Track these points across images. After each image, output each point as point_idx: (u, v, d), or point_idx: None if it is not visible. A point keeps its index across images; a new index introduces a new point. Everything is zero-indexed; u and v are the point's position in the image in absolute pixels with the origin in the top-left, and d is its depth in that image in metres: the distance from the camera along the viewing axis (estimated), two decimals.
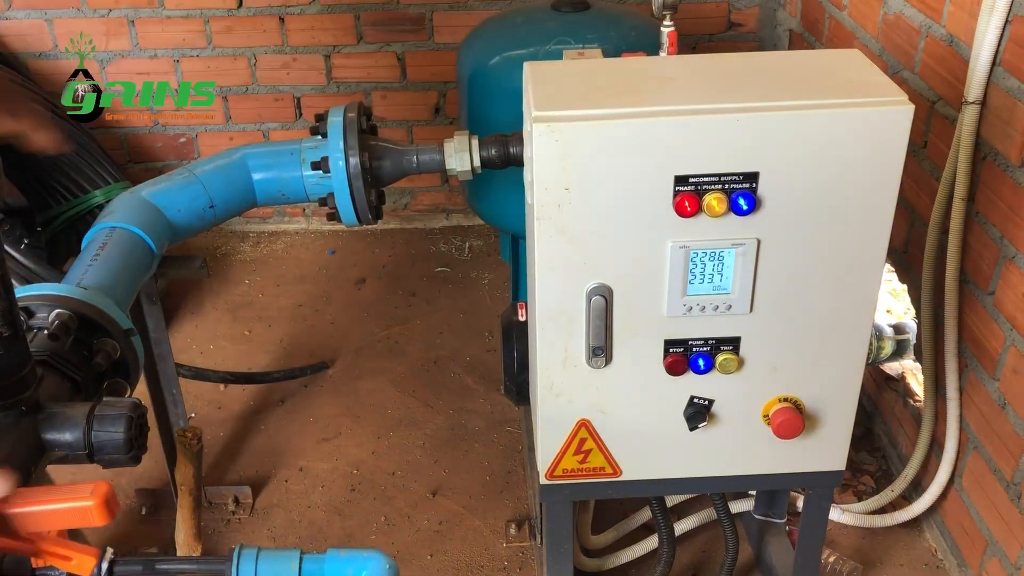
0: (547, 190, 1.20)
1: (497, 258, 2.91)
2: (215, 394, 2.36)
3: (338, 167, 1.66)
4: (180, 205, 1.63)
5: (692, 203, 1.18)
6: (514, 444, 2.19)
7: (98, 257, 1.45)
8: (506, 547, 1.90)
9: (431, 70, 2.89)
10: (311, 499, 2.04)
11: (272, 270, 2.94)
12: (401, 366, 2.47)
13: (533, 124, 1.17)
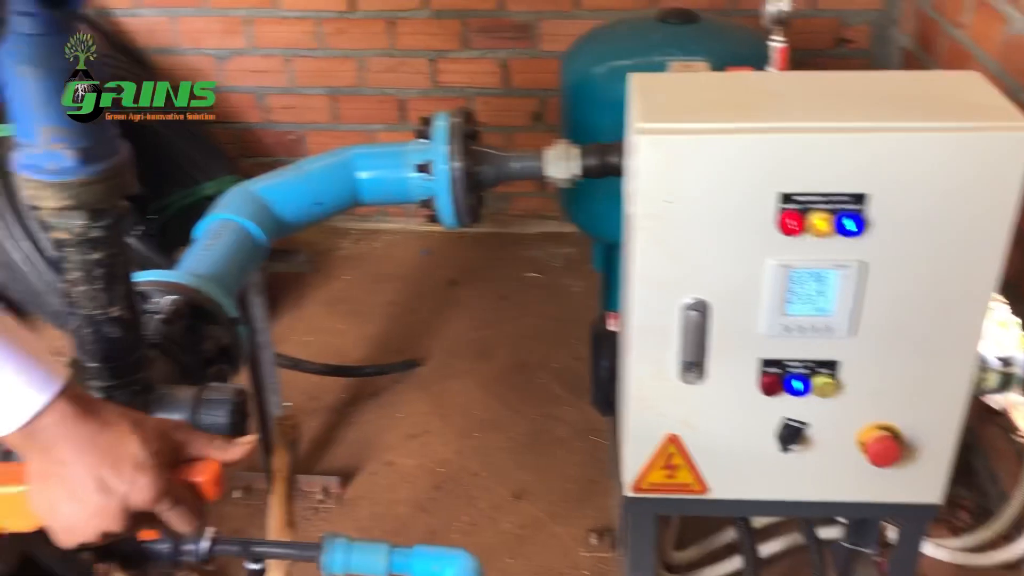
0: (648, 201, 1.20)
1: (589, 266, 2.91)
2: (309, 385, 2.42)
3: (441, 171, 1.69)
4: (288, 201, 1.68)
5: (796, 222, 1.16)
6: (599, 454, 2.18)
7: (210, 247, 1.51)
8: (586, 556, 1.90)
9: (533, 77, 2.91)
10: (397, 494, 2.08)
11: (370, 267, 3.01)
12: (489, 368, 2.49)
13: (638, 136, 1.17)
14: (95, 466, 0.74)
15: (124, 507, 0.75)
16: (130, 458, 0.75)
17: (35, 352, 0.74)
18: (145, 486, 0.75)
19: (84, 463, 0.74)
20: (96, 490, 0.74)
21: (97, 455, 0.74)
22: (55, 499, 0.75)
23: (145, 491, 0.75)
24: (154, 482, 0.76)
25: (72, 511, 0.75)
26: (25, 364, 0.72)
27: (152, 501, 0.76)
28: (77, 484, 0.74)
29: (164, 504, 0.77)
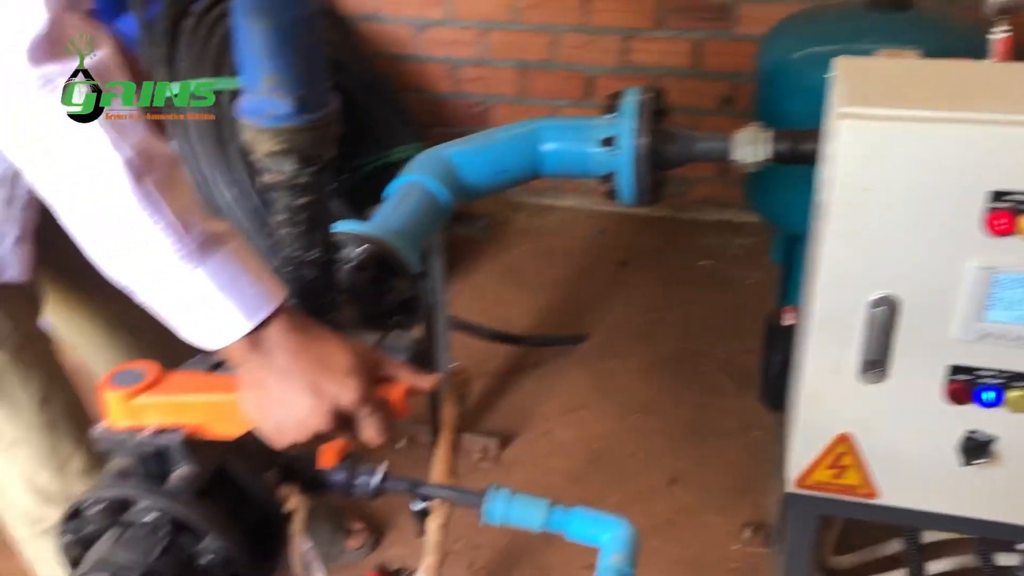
0: (844, 189, 1.15)
1: (766, 259, 2.82)
2: (476, 349, 2.49)
3: (626, 146, 1.69)
4: (475, 166, 1.73)
5: (1006, 222, 1.09)
6: (760, 449, 2.13)
7: (399, 205, 1.58)
8: (738, 549, 1.87)
9: (727, 60, 2.85)
10: (552, 463, 2.11)
11: (542, 242, 3.05)
12: (653, 352, 2.47)
13: (839, 120, 1.13)
14: (309, 372, 0.81)
15: (333, 408, 0.82)
16: (339, 365, 0.82)
17: (261, 269, 0.81)
18: (352, 388, 0.82)
19: (299, 369, 0.81)
20: (309, 393, 0.81)
21: (311, 362, 0.81)
22: (270, 403, 0.82)
23: (352, 393, 0.82)
24: (360, 386, 0.82)
25: (286, 412, 0.82)
26: (256, 277, 0.80)
27: (357, 403, 0.82)
28: (292, 388, 0.81)
29: (365, 409, 0.83)
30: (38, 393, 1.19)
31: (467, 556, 1.89)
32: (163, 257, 0.76)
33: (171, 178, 0.78)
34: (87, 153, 0.74)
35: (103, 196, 0.75)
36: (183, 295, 0.78)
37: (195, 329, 0.80)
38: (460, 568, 1.86)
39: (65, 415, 1.22)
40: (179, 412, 0.83)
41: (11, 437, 1.19)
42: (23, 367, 1.16)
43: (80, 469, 1.26)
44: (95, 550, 0.83)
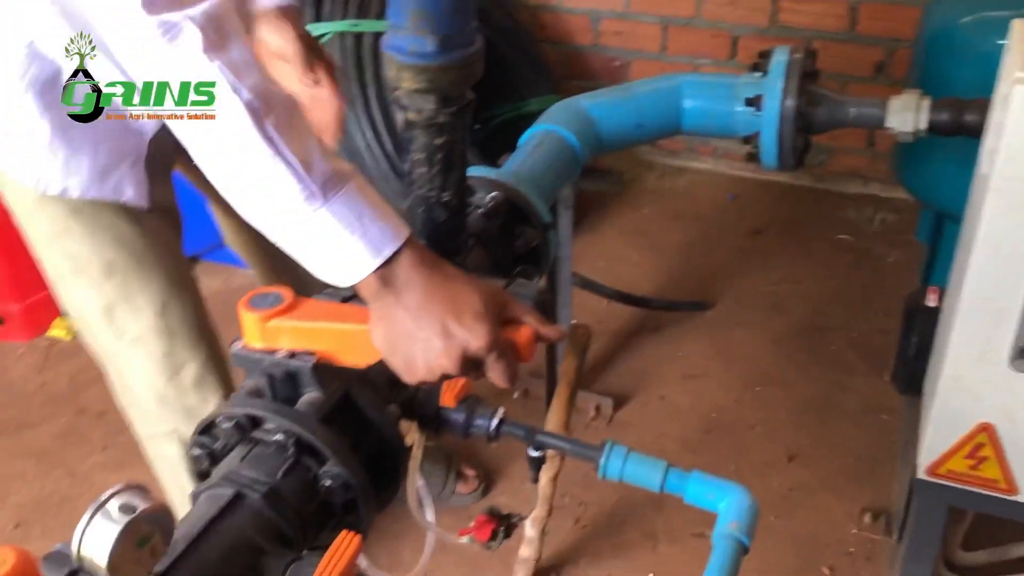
0: (1012, 161, 1.07)
1: (909, 237, 2.68)
2: (597, 308, 2.47)
3: (772, 107, 1.62)
4: (612, 119, 1.70)
5: None
6: (887, 433, 2.04)
7: (532, 154, 1.56)
8: (856, 534, 1.80)
9: (884, 25, 2.69)
10: (665, 428, 2.08)
11: (671, 204, 2.98)
12: (781, 324, 2.39)
13: (1015, 86, 1.04)
14: (441, 313, 0.82)
15: (461, 351, 0.82)
16: (471, 308, 0.82)
17: (385, 207, 0.82)
18: (482, 334, 0.82)
19: (431, 309, 0.81)
20: (440, 334, 0.81)
21: (443, 303, 0.82)
22: (401, 340, 0.83)
23: (481, 338, 0.82)
24: (489, 331, 0.82)
25: (416, 351, 0.83)
26: (381, 215, 0.80)
27: (485, 348, 0.82)
28: (423, 328, 0.82)
29: (492, 354, 0.83)
30: (157, 298, 1.25)
31: (573, 512, 1.89)
32: (287, 197, 0.77)
33: (291, 120, 0.79)
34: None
35: (227, 138, 0.77)
36: (309, 235, 0.79)
37: (324, 267, 0.81)
38: (566, 522, 1.87)
39: (183, 324, 1.28)
40: (311, 338, 0.85)
41: (133, 335, 1.26)
42: (145, 271, 1.23)
43: (193, 380, 1.31)
44: (223, 464, 0.86)
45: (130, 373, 1.31)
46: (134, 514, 0.66)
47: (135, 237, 1.21)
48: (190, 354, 1.30)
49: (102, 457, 2.06)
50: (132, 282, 1.23)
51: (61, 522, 1.91)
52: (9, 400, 2.24)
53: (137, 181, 1.17)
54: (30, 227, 1.21)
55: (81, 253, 1.20)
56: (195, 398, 1.33)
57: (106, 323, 1.26)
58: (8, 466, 2.05)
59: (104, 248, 1.20)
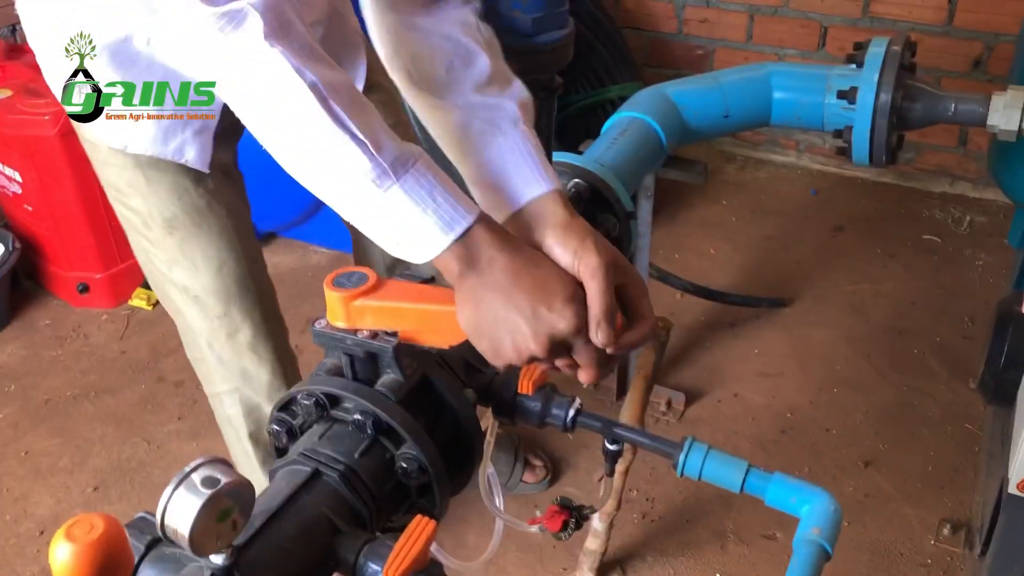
0: None
1: (1001, 240, 2.58)
2: (671, 300, 2.43)
3: (866, 100, 1.56)
4: (698, 108, 1.66)
5: None
6: (969, 443, 1.97)
7: (616, 141, 1.53)
8: (934, 545, 1.74)
9: (984, 17, 2.58)
10: (738, 426, 2.04)
11: (751, 197, 2.92)
12: (861, 325, 2.32)
13: None
14: (530, 296, 0.80)
15: (551, 335, 0.80)
16: (560, 291, 0.80)
17: (455, 186, 0.81)
18: (571, 317, 0.79)
19: (520, 292, 0.80)
20: (530, 318, 0.80)
21: (532, 286, 0.80)
22: (487, 322, 0.81)
23: (571, 321, 0.79)
24: (579, 314, 0.80)
25: (503, 333, 0.81)
26: (452, 192, 0.79)
27: (575, 331, 0.80)
28: (511, 310, 0.80)
29: (581, 338, 0.81)
30: (215, 259, 1.26)
31: (641, 507, 1.87)
32: (359, 176, 0.77)
33: (356, 102, 0.78)
34: (274, 81, 0.76)
35: (296, 122, 0.77)
36: (382, 212, 0.79)
37: (398, 245, 0.81)
38: (633, 517, 1.84)
39: (238, 287, 1.30)
40: (394, 318, 0.84)
41: (193, 293, 1.29)
42: (204, 230, 1.24)
43: (248, 342, 1.33)
44: (302, 441, 0.86)
45: (197, 329, 1.34)
46: (217, 487, 0.66)
47: (197, 196, 1.22)
48: (245, 316, 1.32)
49: (178, 426, 2.11)
50: (191, 239, 1.25)
51: (137, 487, 1.96)
52: (91, 365, 2.31)
53: (201, 146, 1.18)
54: (104, 178, 1.24)
55: (144, 208, 1.22)
56: (250, 360, 1.35)
57: (170, 280, 1.29)
58: (88, 430, 2.11)
59: (166, 204, 1.22)
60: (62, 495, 1.94)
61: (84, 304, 2.50)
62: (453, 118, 0.97)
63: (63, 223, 2.40)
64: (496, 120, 0.95)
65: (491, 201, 0.93)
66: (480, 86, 0.97)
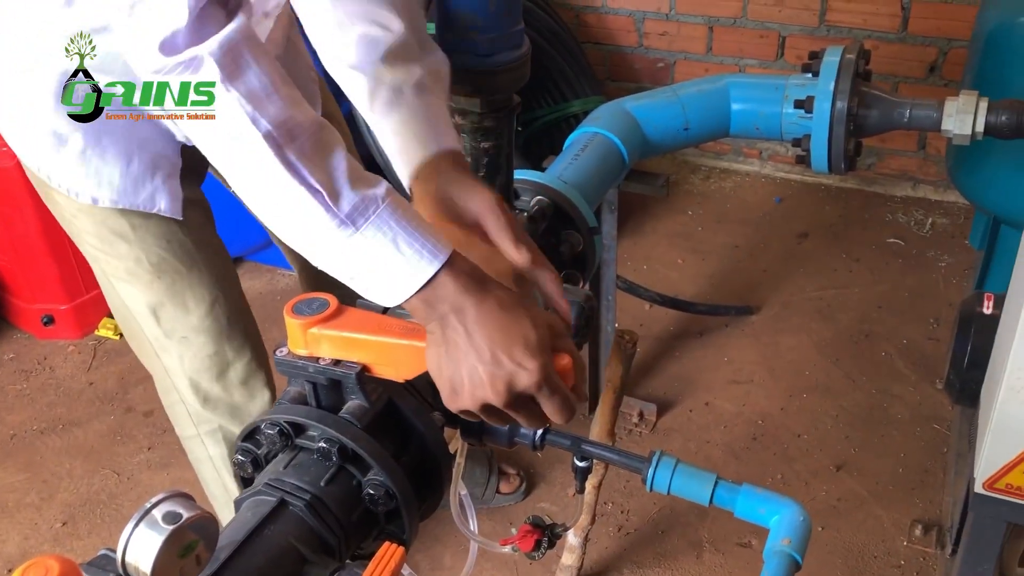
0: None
1: (962, 241, 2.62)
2: (640, 312, 2.44)
3: (822, 109, 1.58)
4: (658, 122, 1.67)
5: None
6: (938, 443, 1.99)
7: (578, 157, 1.54)
8: (906, 546, 1.76)
9: (937, 24, 2.63)
10: (711, 435, 2.05)
11: (716, 206, 2.94)
12: (828, 331, 2.35)
13: None
14: (491, 341, 0.78)
15: (509, 384, 0.78)
16: (523, 340, 0.78)
17: (424, 227, 0.79)
18: (533, 370, 0.78)
19: (483, 338, 0.78)
20: (488, 363, 0.78)
21: (495, 332, 0.78)
22: (447, 364, 0.80)
23: (532, 374, 0.78)
24: (541, 368, 0.78)
25: (462, 376, 0.80)
26: (419, 236, 0.78)
27: (536, 384, 0.78)
28: (471, 355, 0.78)
29: (543, 392, 0.79)
30: (207, 298, 1.25)
31: (616, 520, 1.87)
32: (317, 224, 0.77)
33: (316, 146, 0.78)
34: (230, 129, 0.76)
35: (252, 169, 0.77)
36: (345, 259, 0.79)
37: (367, 290, 0.80)
38: (609, 530, 1.84)
39: (230, 323, 1.28)
40: (351, 348, 0.84)
41: (180, 335, 1.27)
42: (194, 270, 1.23)
43: (240, 379, 1.32)
44: (267, 471, 0.86)
45: (177, 372, 1.31)
46: (178, 522, 0.66)
47: (183, 235, 1.22)
48: (237, 352, 1.31)
49: (148, 456, 2.09)
50: (181, 281, 1.23)
51: (107, 520, 1.93)
52: (58, 398, 2.28)
53: (172, 194, 1.18)
54: (76, 229, 1.22)
55: (131, 254, 1.21)
56: (241, 396, 1.33)
57: (154, 322, 1.27)
58: (56, 463, 2.08)
59: (153, 248, 1.21)
60: (30, 531, 1.91)
61: (49, 336, 2.47)
62: (365, 85, 0.99)
63: (25, 255, 2.37)
64: (402, 87, 0.99)
65: (397, 164, 0.98)
66: (393, 53, 1.00)
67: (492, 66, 1.00)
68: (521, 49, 1.03)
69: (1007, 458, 1.23)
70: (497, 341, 0.78)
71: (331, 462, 0.84)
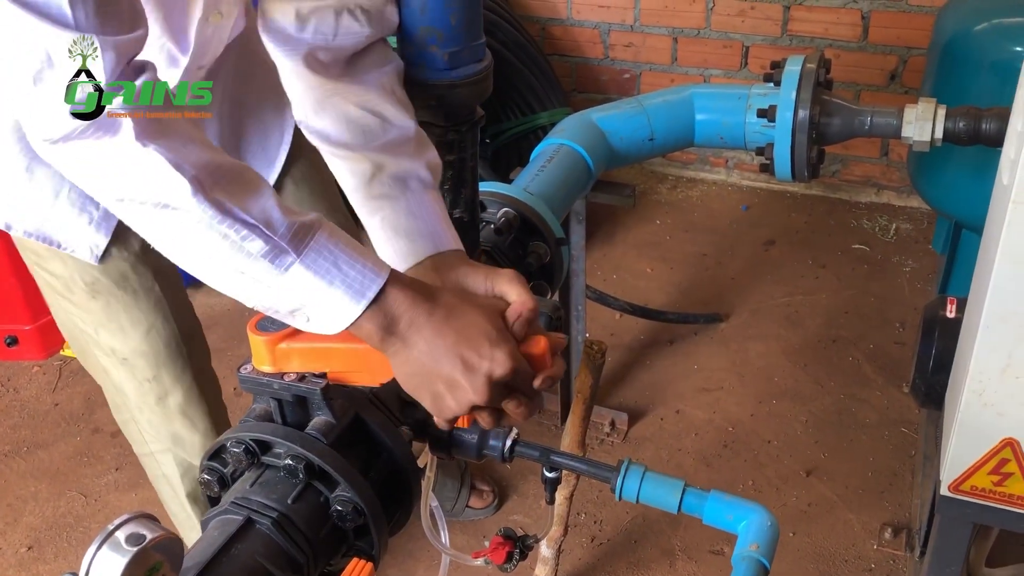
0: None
1: (926, 246, 2.66)
2: (610, 321, 2.45)
3: (784, 118, 1.60)
4: (623, 133, 1.68)
5: None
6: (906, 446, 2.01)
7: (544, 169, 1.55)
8: (876, 550, 1.77)
9: (897, 33, 2.67)
10: (682, 443, 2.06)
11: (684, 215, 2.96)
12: (796, 337, 2.37)
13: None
14: (457, 348, 0.78)
15: (488, 380, 0.79)
16: (484, 335, 0.79)
17: (361, 248, 0.80)
18: (503, 357, 0.79)
19: (448, 349, 0.78)
20: (463, 371, 0.78)
21: (457, 339, 0.79)
22: (424, 382, 0.80)
23: (504, 363, 0.79)
24: (510, 354, 0.79)
25: (443, 392, 0.80)
26: (357, 257, 0.78)
27: (511, 371, 0.79)
28: (445, 367, 0.79)
29: (520, 375, 0.80)
30: (142, 322, 1.23)
31: (589, 530, 1.87)
32: (255, 262, 0.75)
33: (241, 182, 0.76)
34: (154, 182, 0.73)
35: (182, 222, 0.74)
36: (287, 294, 0.77)
37: (309, 321, 0.79)
38: (582, 540, 1.84)
39: (168, 351, 1.26)
40: (321, 359, 0.84)
41: (121, 356, 1.25)
42: (129, 293, 1.21)
43: (178, 406, 1.30)
44: (233, 489, 0.85)
45: (122, 392, 1.30)
46: (142, 544, 0.65)
47: (120, 259, 1.19)
48: (175, 380, 1.28)
49: (116, 477, 2.06)
50: (115, 303, 1.21)
51: (74, 543, 1.90)
52: (23, 420, 2.24)
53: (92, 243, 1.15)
54: (18, 242, 1.20)
55: (64, 272, 1.19)
56: (181, 424, 1.31)
57: (95, 342, 1.25)
58: (21, 486, 2.04)
59: (86, 269, 1.18)
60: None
61: (13, 357, 2.43)
62: (363, 168, 0.96)
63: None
64: (407, 179, 0.96)
65: (396, 251, 0.94)
66: (394, 148, 0.97)
67: (454, 79, 1.00)
68: (483, 62, 1.03)
69: (971, 460, 1.25)
70: (461, 344, 0.79)
71: (298, 479, 0.83)
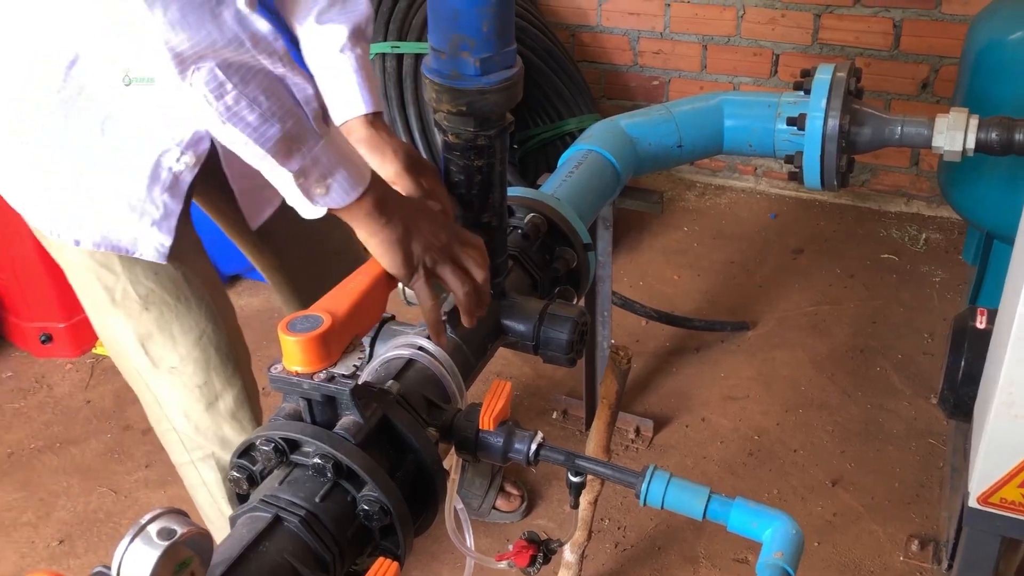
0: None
1: (956, 256, 2.63)
2: (636, 327, 2.45)
3: (814, 126, 1.60)
4: (652, 139, 1.69)
5: None
6: (933, 458, 1.99)
7: (572, 174, 1.56)
8: (903, 561, 1.76)
9: (929, 42, 2.65)
10: (707, 451, 2.05)
11: (711, 223, 2.96)
12: (824, 346, 2.36)
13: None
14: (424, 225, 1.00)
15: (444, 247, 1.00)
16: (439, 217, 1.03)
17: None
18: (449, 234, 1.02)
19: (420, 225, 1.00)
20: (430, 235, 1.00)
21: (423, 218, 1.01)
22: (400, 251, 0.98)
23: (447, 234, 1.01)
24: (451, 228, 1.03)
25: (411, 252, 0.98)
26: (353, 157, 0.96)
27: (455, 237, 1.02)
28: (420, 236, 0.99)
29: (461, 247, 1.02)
30: (195, 329, 1.25)
31: (613, 536, 1.87)
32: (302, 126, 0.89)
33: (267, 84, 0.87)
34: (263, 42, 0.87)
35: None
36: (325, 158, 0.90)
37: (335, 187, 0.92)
38: (606, 546, 1.85)
39: (219, 355, 1.28)
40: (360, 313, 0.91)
41: (169, 364, 1.27)
42: (182, 301, 1.23)
43: (229, 410, 1.32)
44: (262, 487, 0.86)
45: (167, 401, 1.31)
46: (173, 538, 0.66)
47: (173, 268, 1.21)
48: (226, 384, 1.30)
49: (146, 474, 2.09)
50: (168, 312, 1.23)
51: (104, 538, 1.93)
52: (55, 416, 2.28)
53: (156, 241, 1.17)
54: (64, 259, 1.22)
55: (117, 285, 1.21)
56: (231, 428, 1.33)
57: (142, 352, 1.26)
58: (53, 482, 2.08)
59: (141, 280, 1.20)
60: (26, 550, 1.91)
61: (47, 354, 2.48)
62: (303, 43, 1.16)
63: (23, 273, 2.38)
64: (327, 45, 1.14)
65: None
66: (322, 10, 1.15)
67: (484, 85, 1.01)
68: (514, 69, 1.04)
69: (1001, 473, 1.24)
70: (426, 222, 1.00)
71: (326, 478, 0.84)
